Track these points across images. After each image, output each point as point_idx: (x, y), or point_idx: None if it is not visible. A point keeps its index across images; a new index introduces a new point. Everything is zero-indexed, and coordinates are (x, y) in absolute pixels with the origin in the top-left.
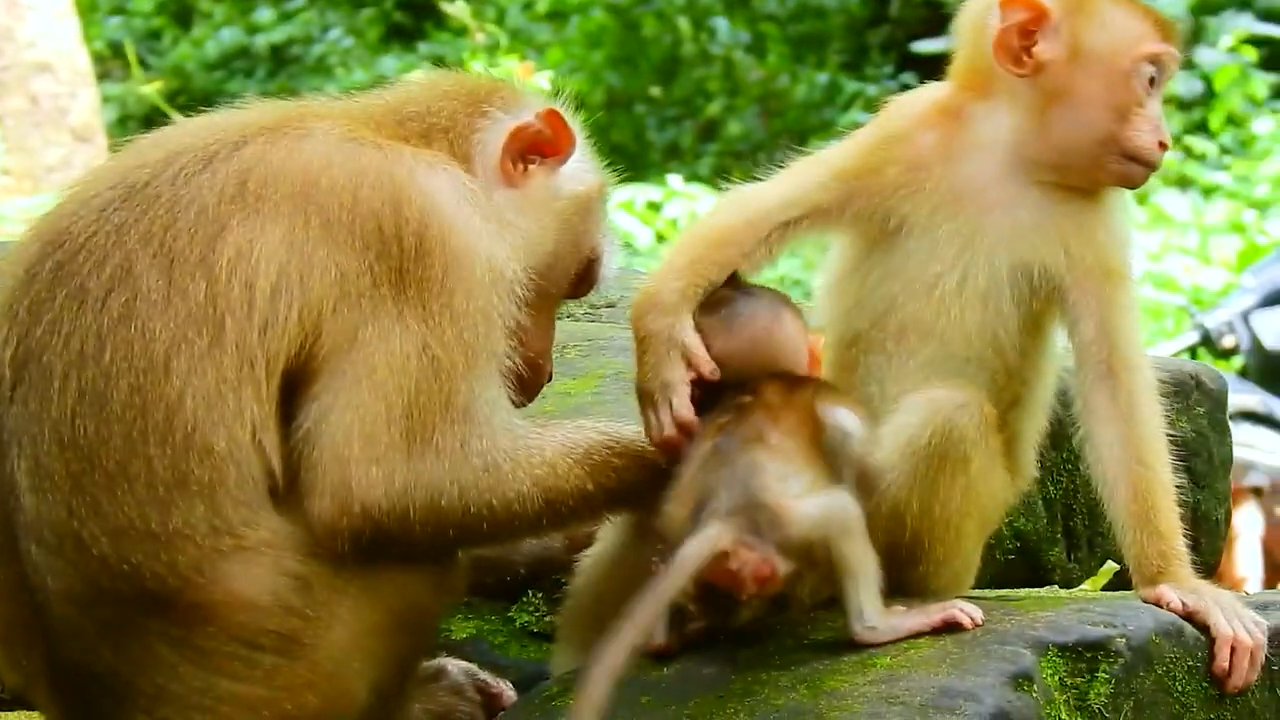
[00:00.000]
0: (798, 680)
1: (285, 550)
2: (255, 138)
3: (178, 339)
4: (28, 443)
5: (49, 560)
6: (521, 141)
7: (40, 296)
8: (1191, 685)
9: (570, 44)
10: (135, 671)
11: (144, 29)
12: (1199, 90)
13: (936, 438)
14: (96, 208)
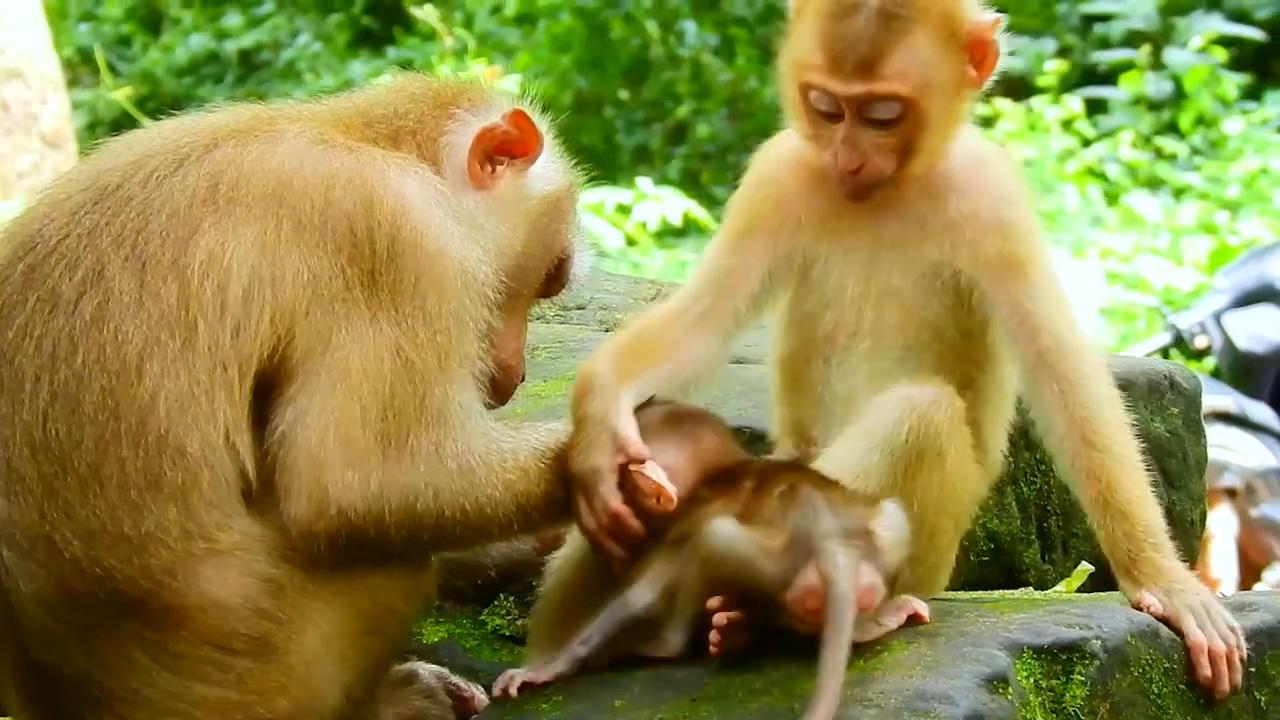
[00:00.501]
0: (771, 683)
1: (257, 553)
2: (226, 141)
3: (150, 341)
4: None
5: (21, 564)
6: (489, 142)
7: (11, 300)
8: (1168, 687)
9: (538, 47)
10: (108, 675)
11: (113, 35)
12: (1168, 91)
13: (913, 435)
14: (68, 211)
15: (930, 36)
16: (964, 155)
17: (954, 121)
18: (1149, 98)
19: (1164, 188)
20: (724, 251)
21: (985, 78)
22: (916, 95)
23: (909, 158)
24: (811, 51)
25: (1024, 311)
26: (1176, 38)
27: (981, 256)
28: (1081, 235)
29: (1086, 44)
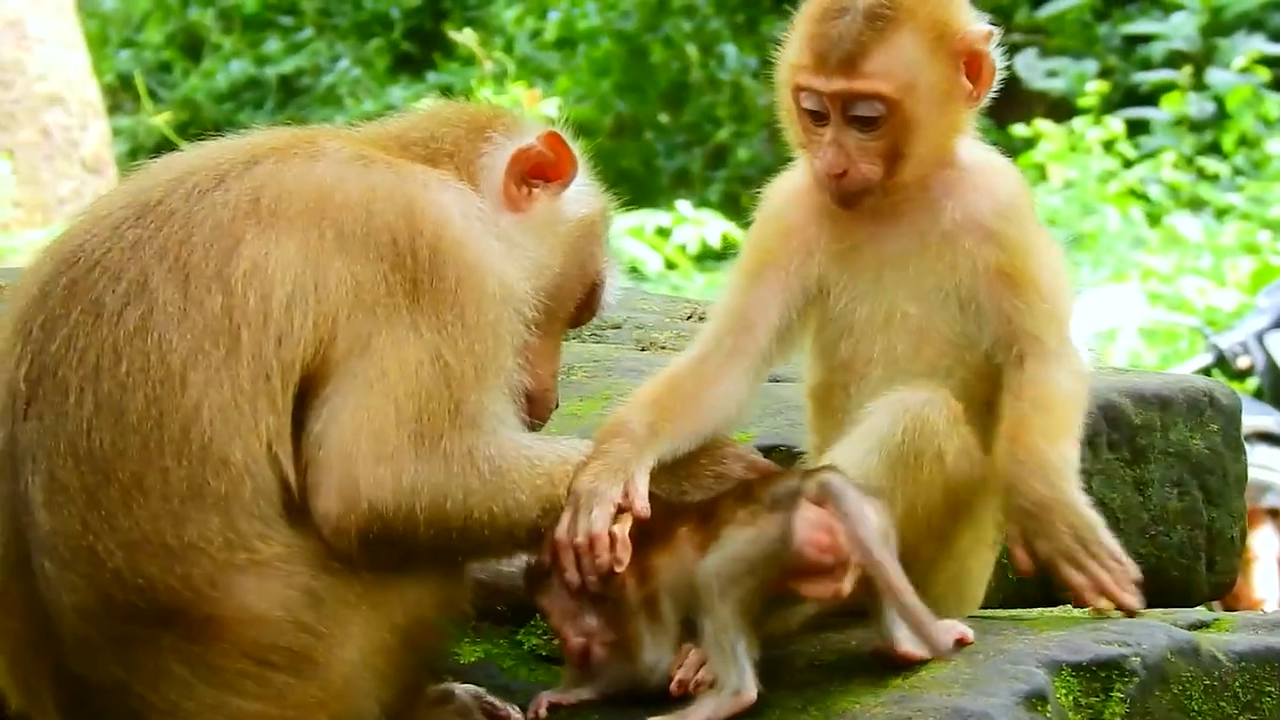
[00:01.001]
0: (808, 701)
1: (298, 565)
2: (266, 157)
3: (194, 351)
4: (42, 457)
5: (62, 575)
6: (524, 164)
7: (55, 313)
8: (1208, 704)
9: (578, 72)
10: (147, 687)
11: (154, 61)
12: (1211, 111)
13: (908, 434)
14: (110, 226)
15: (916, 38)
16: (964, 167)
17: (945, 130)
18: (1191, 118)
19: (1206, 208)
20: (738, 290)
21: (983, 91)
22: (899, 95)
23: (896, 163)
24: (800, 52)
25: (1013, 326)
26: (1219, 58)
27: (979, 266)
28: (1123, 256)
29: (1128, 65)
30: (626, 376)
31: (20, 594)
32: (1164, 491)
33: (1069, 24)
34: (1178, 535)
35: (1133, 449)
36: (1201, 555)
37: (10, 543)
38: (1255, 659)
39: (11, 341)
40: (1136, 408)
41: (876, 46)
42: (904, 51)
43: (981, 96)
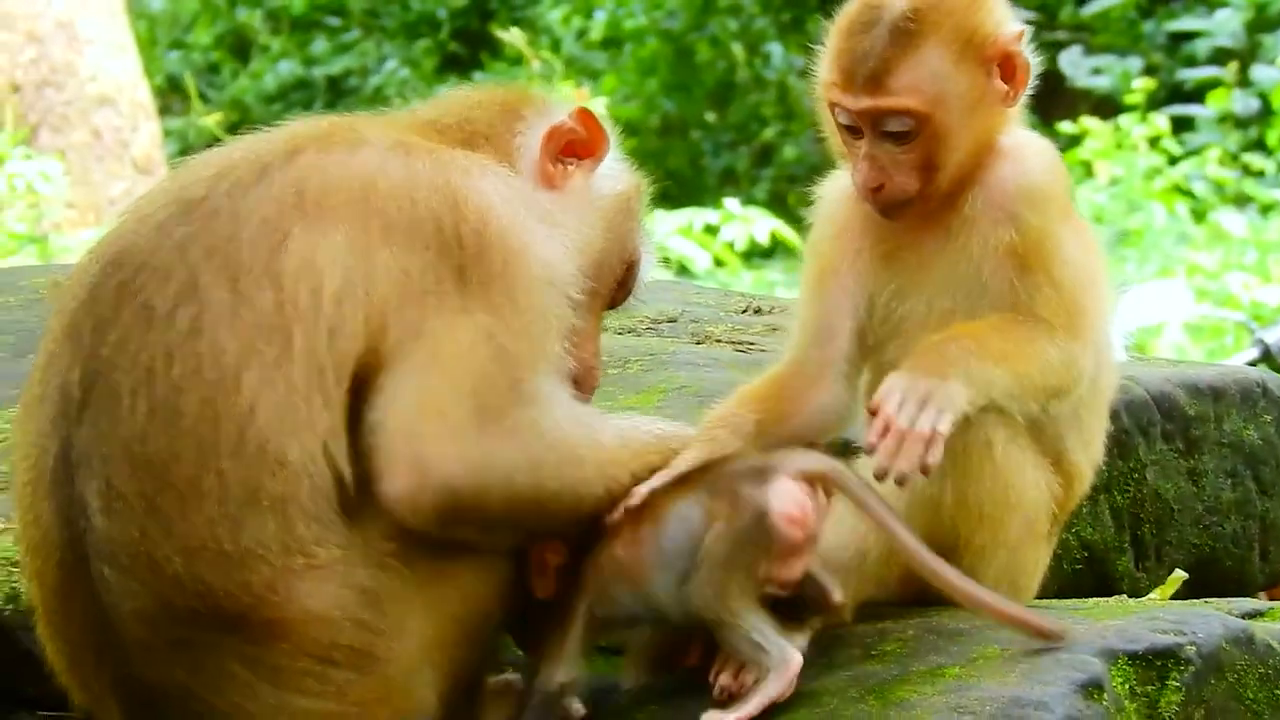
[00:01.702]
0: (866, 691)
1: (355, 565)
2: (307, 148)
3: (247, 350)
4: (98, 463)
5: (122, 581)
6: (558, 141)
7: (105, 316)
8: (1263, 693)
9: (625, 71)
10: (210, 690)
11: (203, 63)
12: (1256, 108)
13: (957, 424)
14: (155, 225)
15: (943, 49)
16: (999, 153)
17: (981, 134)
18: (1236, 115)
19: (1251, 204)
20: (810, 301)
21: (1019, 90)
22: (928, 109)
23: (932, 174)
24: (830, 69)
25: (1023, 305)
26: (1264, 55)
27: (990, 246)
28: (1169, 252)
29: (1173, 62)
30: (683, 370)
31: (79, 599)
32: (1218, 482)
33: (1114, 21)
34: (1231, 525)
35: (1186, 440)
36: (1255, 545)
37: (67, 547)
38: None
39: (63, 344)
40: (1190, 399)
41: (902, 61)
42: (930, 64)
43: (1018, 96)
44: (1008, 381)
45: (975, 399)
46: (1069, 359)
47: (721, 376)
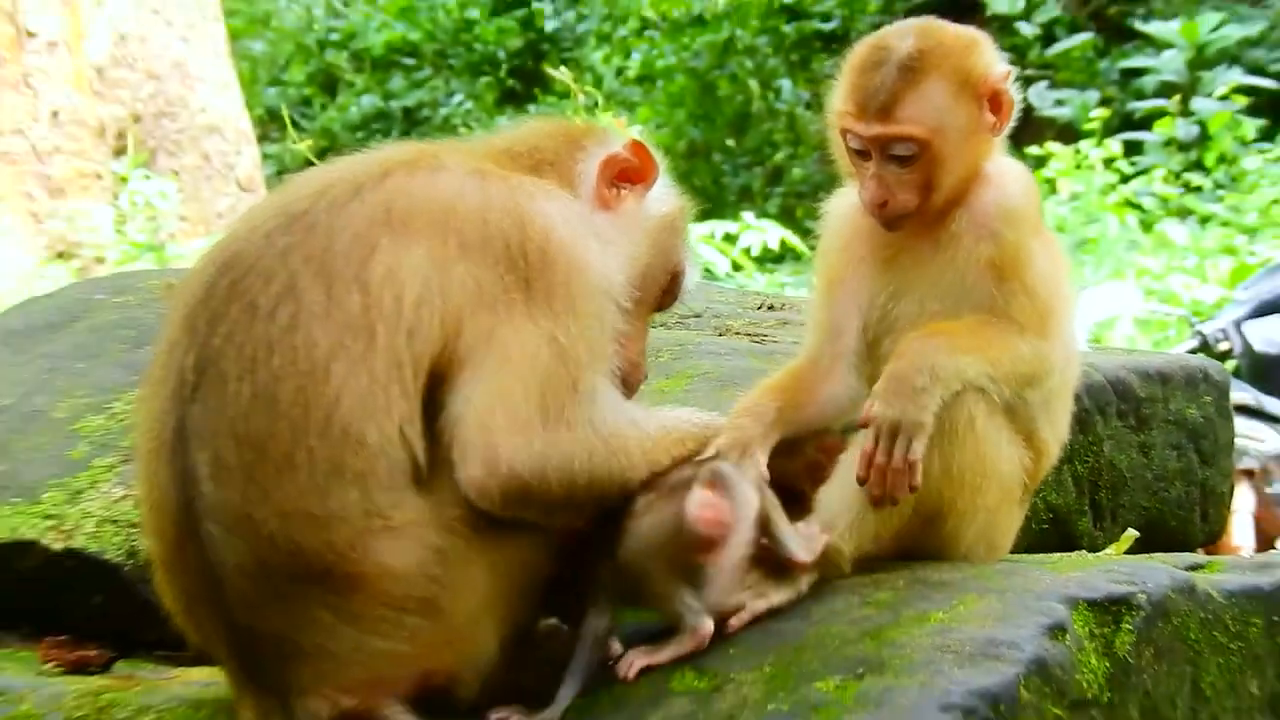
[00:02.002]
0: (863, 633)
1: (425, 528)
2: (396, 171)
3: (336, 345)
4: (208, 437)
5: (226, 539)
6: (613, 168)
7: (216, 311)
8: (1203, 634)
9: (657, 103)
10: (300, 633)
11: (297, 96)
12: (1195, 134)
13: (945, 402)
14: (262, 234)
15: (943, 85)
16: (983, 178)
17: (971, 159)
18: (1179, 140)
19: (1192, 216)
20: (820, 305)
21: (1004, 122)
22: (929, 136)
23: (930, 192)
24: (845, 100)
25: (1000, 309)
26: (1202, 88)
27: (975, 261)
28: (1121, 258)
29: (1125, 95)
30: (706, 358)
31: (191, 553)
32: (1165, 454)
33: (1074, 60)
34: (1176, 491)
35: (1138, 417)
36: (1196, 508)
37: (181, 510)
38: (1243, 595)
39: (180, 333)
40: (1141, 382)
41: (908, 95)
42: (932, 98)
43: (1003, 127)
44: (980, 369)
45: (947, 390)
46: (1039, 354)
47: (740, 364)
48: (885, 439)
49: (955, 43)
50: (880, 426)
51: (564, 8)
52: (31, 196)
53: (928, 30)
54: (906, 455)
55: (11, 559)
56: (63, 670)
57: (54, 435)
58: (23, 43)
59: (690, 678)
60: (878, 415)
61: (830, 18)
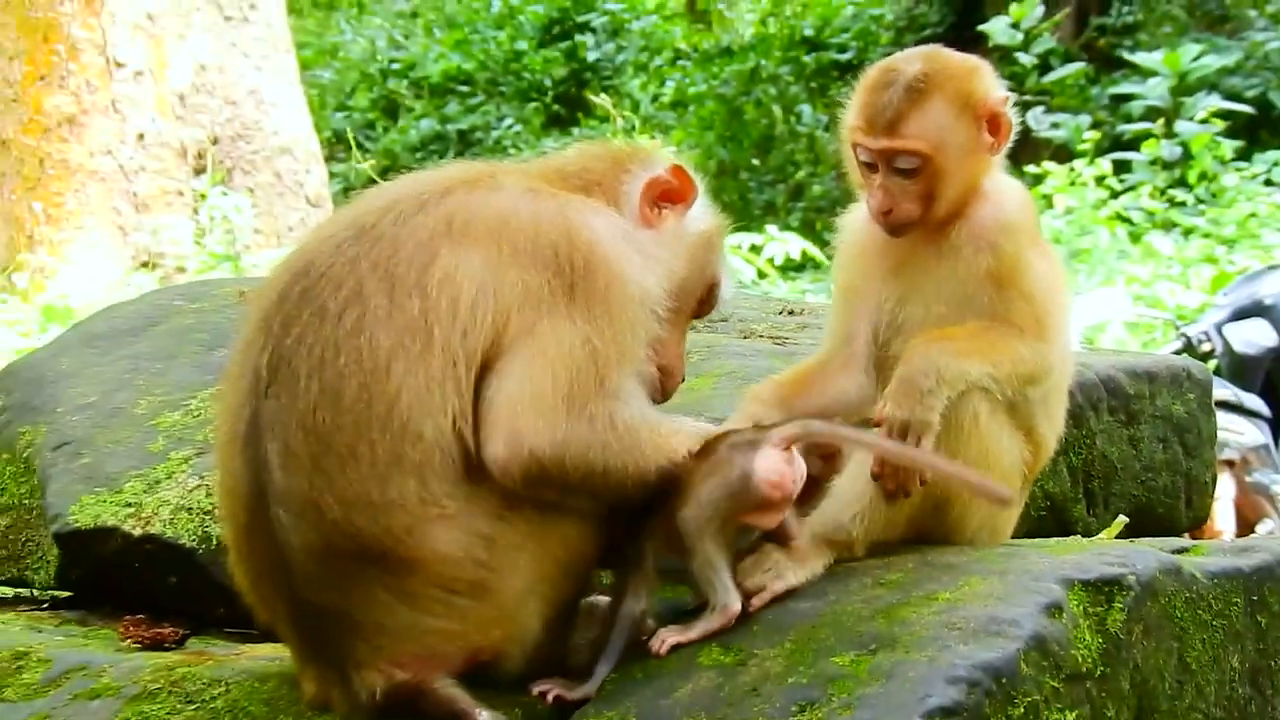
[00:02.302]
0: (876, 611)
1: (477, 515)
2: (457, 188)
3: (397, 346)
4: (279, 429)
5: (293, 523)
6: (655, 190)
7: (290, 314)
8: (1188, 612)
9: (689, 126)
10: (359, 610)
11: (361, 120)
12: (1179, 154)
13: (951, 398)
14: (333, 244)
15: (946, 105)
16: (983, 193)
17: (970, 175)
18: (1163, 159)
19: (1176, 229)
20: (835, 312)
21: (1002, 143)
22: (931, 151)
23: (932, 203)
24: (856, 116)
25: (1000, 315)
26: (1185, 112)
27: (976, 271)
28: (1111, 266)
29: (1115, 118)
30: (733, 359)
31: (261, 536)
32: (1152, 446)
33: (1068, 87)
34: (1163, 480)
35: (1128, 413)
36: (1182, 496)
37: (254, 494)
38: (1225, 577)
39: (256, 334)
40: (1131, 380)
41: (913, 112)
42: (935, 116)
43: (1001, 147)
44: (982, 370)
45: (952, 390)
46: (1039, 355)
47: (763, 364)
48: (895, 437)
49: (958, 68)
50: (891, 426)
51: (604, 40)
52: (119, 212)
53: (934, 56)
54: (920, 458)
55: (94, 544)
56: (140, 647)
57: (134, 430)
58: (112, 72)
59: (717, 653)
60: (889, 415)
61: (846, 49)
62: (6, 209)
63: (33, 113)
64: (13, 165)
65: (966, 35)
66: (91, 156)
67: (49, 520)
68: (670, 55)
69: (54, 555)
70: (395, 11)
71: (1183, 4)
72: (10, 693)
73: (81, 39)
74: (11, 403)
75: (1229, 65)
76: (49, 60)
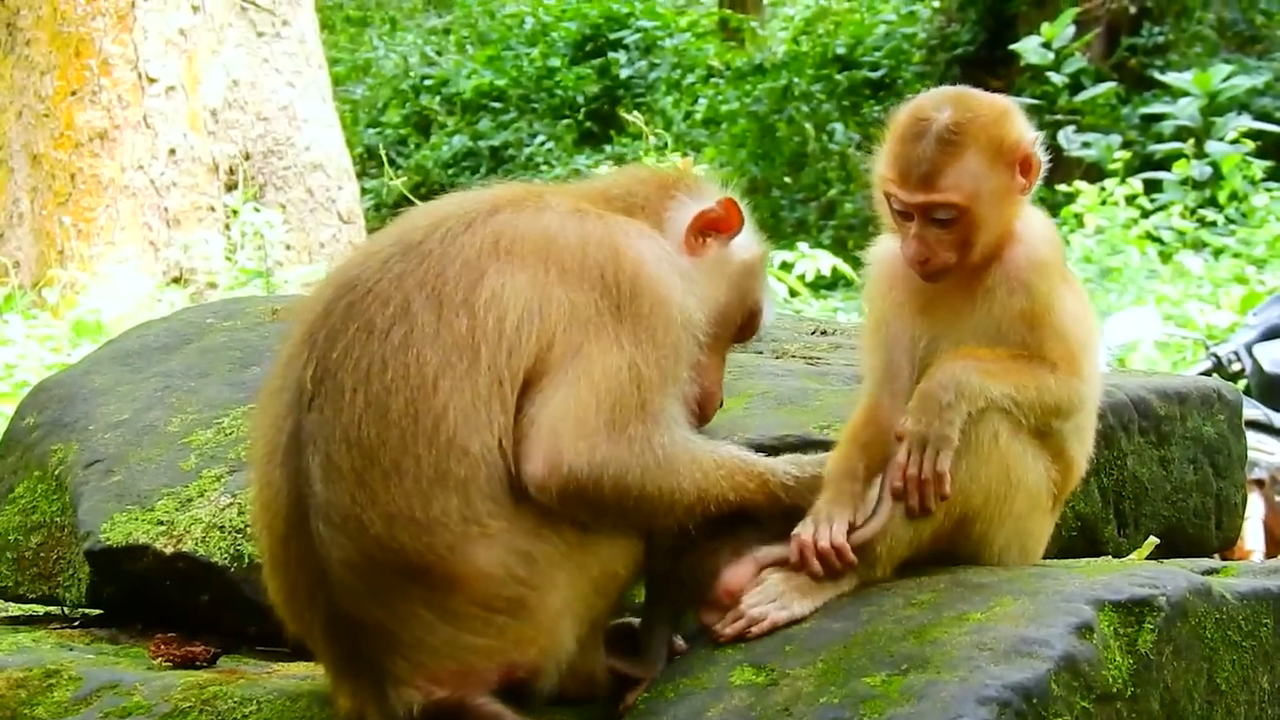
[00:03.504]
0: (908, 631)
1: (517, 535)
2: (504, 208)
3: (444, 363)
4: (321, 442)
5: (334, 536)
6: (704, 222)
7: (335, 328)
8: (1218, 633)
9: (721, 144)
10: (398, 625)
11: (393, 136)
12: (1209, 174)
13: (971, 420)
14: (380, 260)
15: (979, 155)
16: (1011, 235)
17: (1005, 219)
18: (1194, 179)
19: (1206, 248)
20: (871, 349)
21: (1032, 183)
22: (968, 203)
23: (968, 250)
24: (889, 167)
25: (1034, 351)
26: (1215, 132)
27: (1010, 311)
28: (1142, 286)
29: (1146, 138)
30: (765, 379)
31: (300, 548)
32: (1183, 467)
33: (1099, 106)
34: (1193, 501)
35: (1158, 434)
36: (1212, 517)
37: (293, 506)
38: (1255, 598)
39: (300, 347)
40: (1161, 401)
41: (948, 165)
42: (969, 167)
43: (1032, 186)
44: (1003, 391)
45: (972, 405)
46: (1070, 389)
47: (795, 384)
48: (915, 452)
49: (989, 114)
50: (911, 441)
51: (637, 57)
52: (150, 227)
53: (964, 101)
54: (935, 466)
55: (126, 562)
56: (171, 665)
57: (166, 448)
58: (144, 87)
59: (749, 672)
60: (909, 430)
61: (878, 67)
62: (38, 224)
63: (64, 128)
64: (44, 180)
65: (998, 55)
66: (123, 172)
67: (80, 538)
68: (703, 73)
69: (85, 573)
70: (428, 28)
71: (1213, 25)
72: (41, 710)
73: (114, 54)
74: (43, 420)
75: (1259, 86)
76: (81, 75)
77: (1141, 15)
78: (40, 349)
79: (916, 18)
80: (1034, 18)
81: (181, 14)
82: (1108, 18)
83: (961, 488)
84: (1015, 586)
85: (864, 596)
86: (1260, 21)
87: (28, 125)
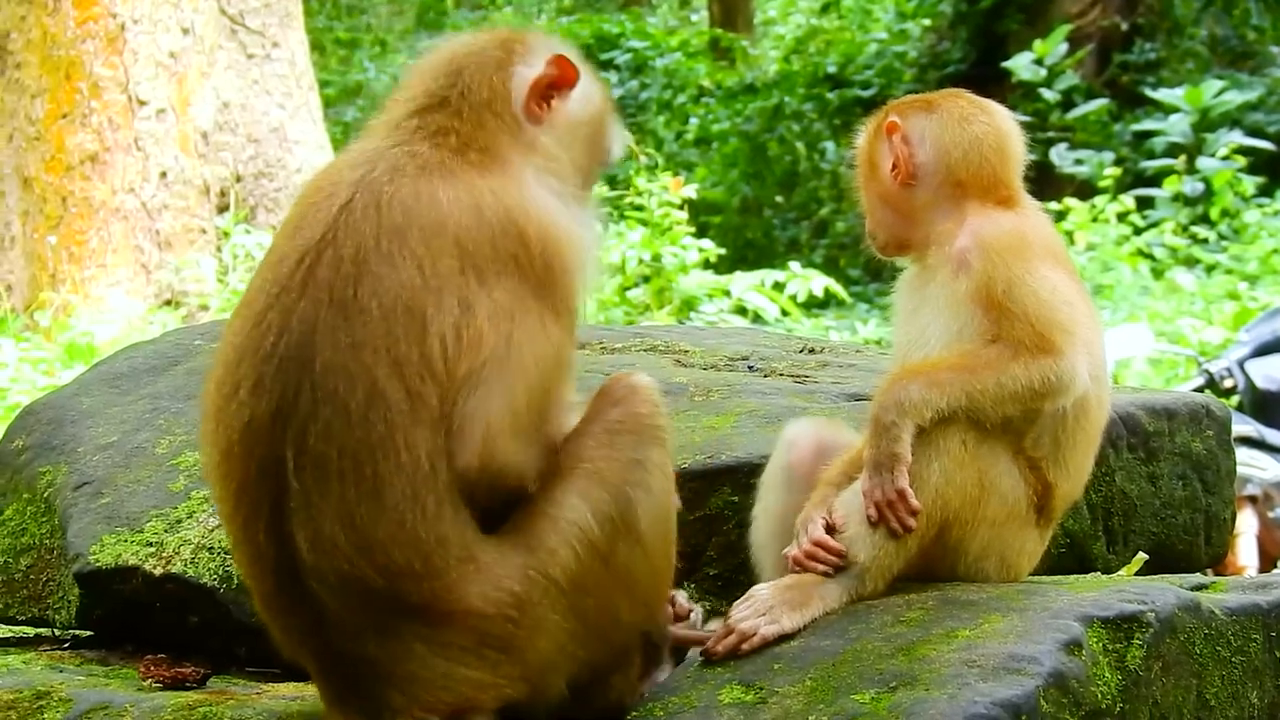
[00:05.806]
0: (896, 649)
1: (508, 576)
2: (378, 184)
3: (397, 414)
4: (306, 520)
5: (329, 595)
6: (541, 88)
7: (288, 395)
8: (1207, 649)
9: (713, 164)
10: (394, 659)
11: None
12: (1201, 190)
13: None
14: (289, 300)
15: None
16: (964, 225)
17: (905, 207)
18: (1186, 195)
19: (1198, 265)
20: (893, 357)
21: (903, 176)
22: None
23: (888, 230)
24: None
25: (997, 334)
26: (1207, 149)
27: (960, 294)
28: (1134, 302)
29: (1137, 155)
30: (753, 397)
31: (291, 600)
32: (1171, 483)
33: (1091, 124)
34: (1182, 517)
35: (1147, 450)
36: (1201, 533)
37: (283, 569)
38: (1244, 613)
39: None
40: (1149, 417)
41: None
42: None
43: (906, 179)
44: (952, 397)
45: (919, 417)
46: (1040, 369)
47: (782, 402)
48: (874, 476)
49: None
50: (867, 467)
51: (628, 77)
52: (142, 249)
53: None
54: (895, 486)
55: (115, 583)
56: (161, 686)
57: (155, 470)
58: (134, 110)
59: (738, 690)
60: (865, 457)
61: (870, 86)
62: (29, 247)
63: (55, 151)
64: (35, 203)
65: (990, 72)
66: (114, 194)
67: (70, 560)
68: (694, 92)
69: (75, 595)
70: (418, 49)
71: (1205, 41)
72: None
73: (104, 77)
74: (31, 442)
75: (1251, 101)
76: (71, 98)
77: (1133, 32)
78: (33, 372)
79: (908, 36)
80: (1025, 35)
81: (172, 37)
82: (1099, 35)
83: (938, 493)
84: (1004, 603)
85: (852, 614)
86: (1251, 37)
87: (19, 148)
